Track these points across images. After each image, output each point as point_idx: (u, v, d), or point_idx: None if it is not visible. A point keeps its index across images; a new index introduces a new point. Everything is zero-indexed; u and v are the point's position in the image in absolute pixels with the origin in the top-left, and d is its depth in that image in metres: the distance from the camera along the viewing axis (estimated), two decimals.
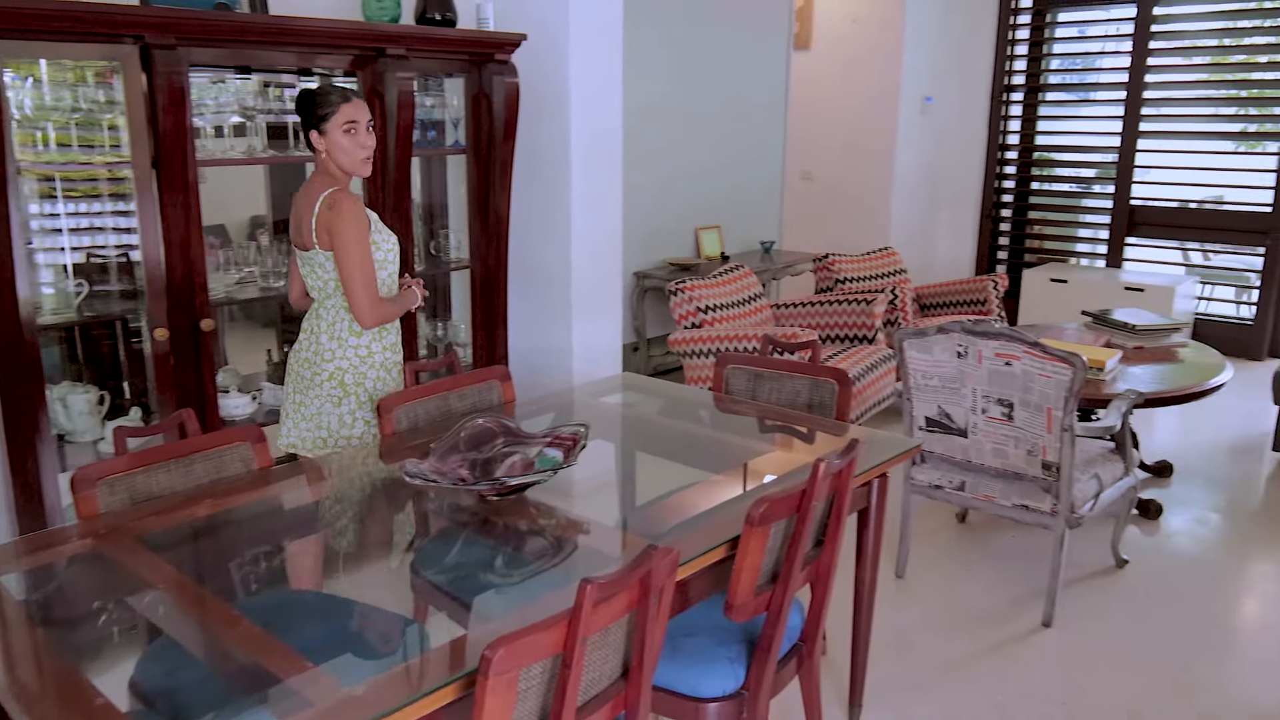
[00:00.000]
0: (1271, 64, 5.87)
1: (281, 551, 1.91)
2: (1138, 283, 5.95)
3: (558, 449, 2.01)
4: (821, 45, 6.67)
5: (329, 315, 2.53)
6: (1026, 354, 2.79)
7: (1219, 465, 4.34)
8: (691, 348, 4.27)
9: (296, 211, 2.53)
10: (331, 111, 2.40)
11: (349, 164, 2.45)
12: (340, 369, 2.52)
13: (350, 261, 2.39)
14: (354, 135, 2.42)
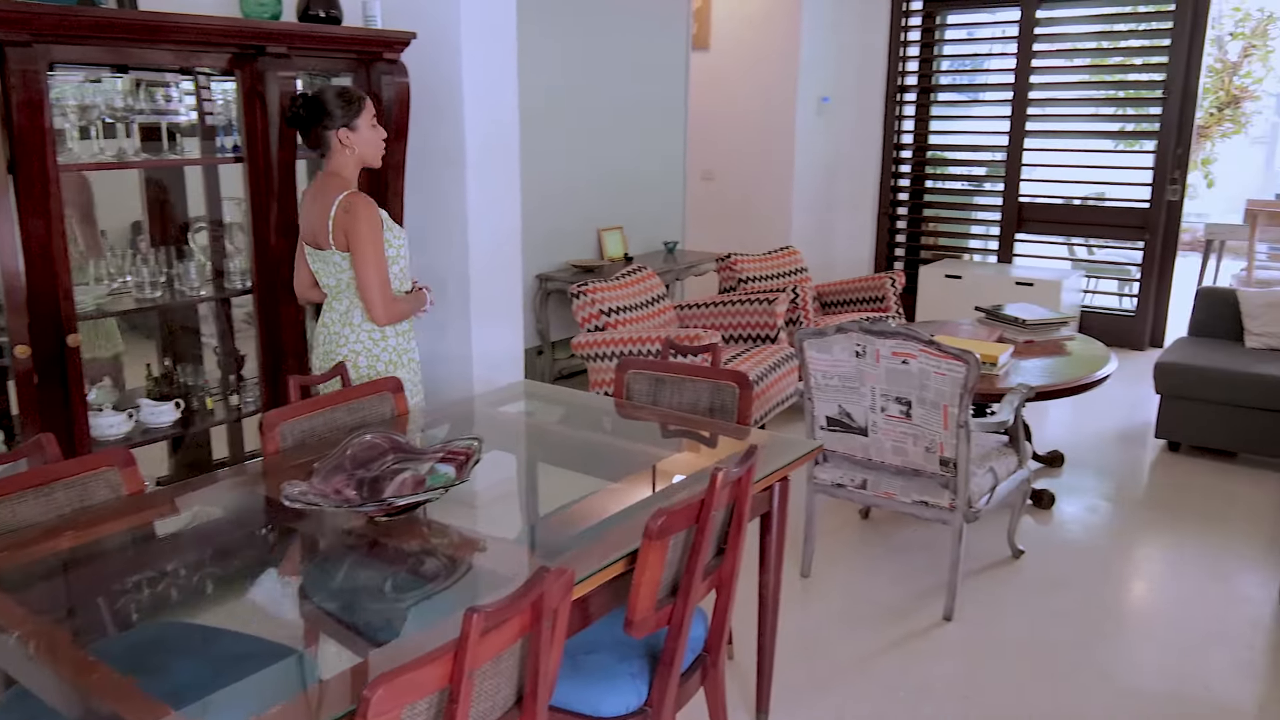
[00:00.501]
0: (1146, 66, 6.12)
1: (150, 585, 1.78)
2: (1027, 277, 6.14)
3: (450, 464, 1.93)
4: (720, 45, 6.70)
5: (341, 307, 2.67)
6: (922, 352, 2.82)
7: (1107, 453, 4.50)
8: (595, 351, 4.21)
9: (308, 211, 2.65)
10: (361, 107, 2.57)
11: (376, 156, 2.65)
12: (354, 352, 2.65)
13: (366, 263, 2.52)
14: (376, 129, 2.63)
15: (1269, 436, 4.14)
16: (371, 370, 2.67)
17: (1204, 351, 4.46)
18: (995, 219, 6.82)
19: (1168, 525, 3.72)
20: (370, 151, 2.64)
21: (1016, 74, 6.44)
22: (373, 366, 2.67)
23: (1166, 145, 6.03)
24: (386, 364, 2.69)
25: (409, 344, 2.78)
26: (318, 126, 2.58)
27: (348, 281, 2.62)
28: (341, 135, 2.57)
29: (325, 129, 2.57)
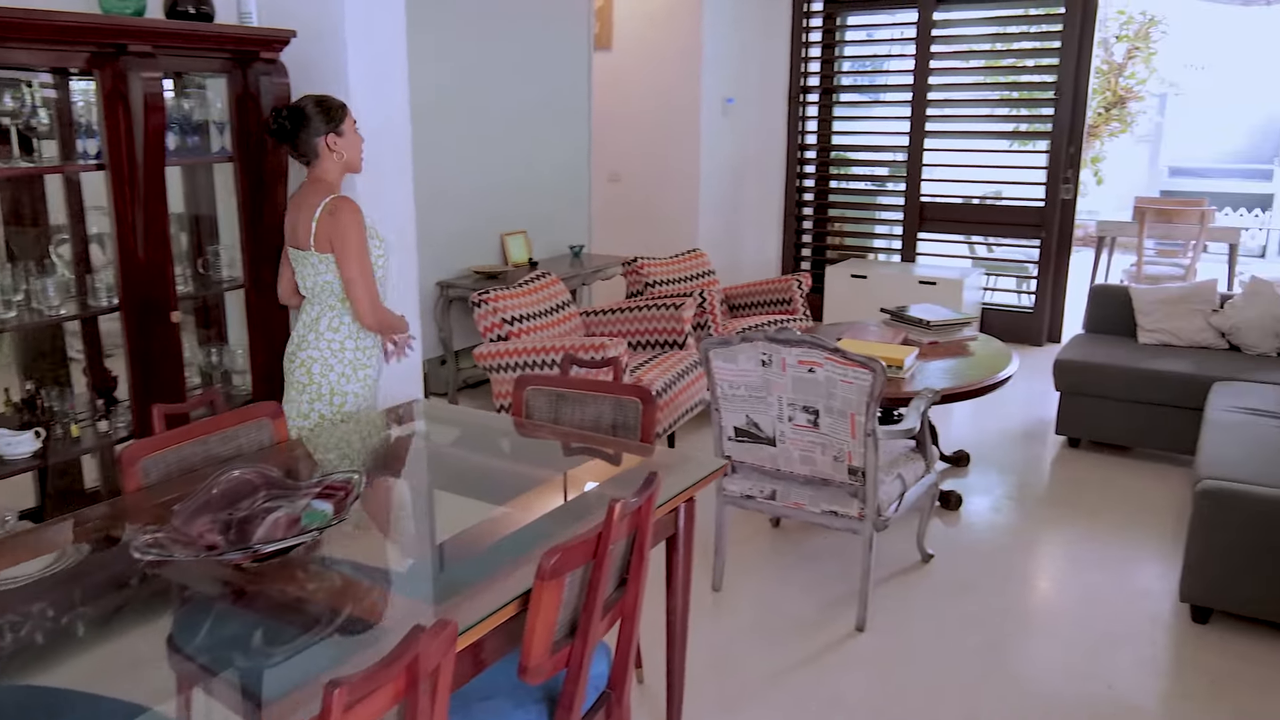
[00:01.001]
0: (1038, 68, 6.26)
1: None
2: (930, 276, 6.22)
3: (328, 500, 1.78)
4: (623, 45, 6.60)
5: (313, 312, 2.74)
6: (828, 360, 2.77)
7: (1010, 451, 4.56)
8: (497, 362, 4.07)
9: (293, 214, 2.72)
10: (345, 112, 2.67)
11: (356, 159, 2.74)
12: (310, 359, 2.72)
13: (351, 265, 2.61)
14: (359, 133, 2.74)
15: (1162, 430, 4.25)
16: (325, 379, 2.73)
17: (1100, 348, 4.55)
18: (898, 218, 6.90)
19: (1070, 522, 3.77)
20: (355, 156, 2.74)
21: (915, 75, 6.52)
22: (325, 376, 2.73)
23: (1059, 145, 6.18)
24: (339, 375, 2.74)
25: (368, 360, 2.82)
26: (302, 134, 2.67)
27: (323, 285, 2.70)
28: (329, 141, 2.66)
29: (312, 136, 2.66)
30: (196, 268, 3.38)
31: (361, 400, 2.81)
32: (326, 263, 2.66)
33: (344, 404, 2.77)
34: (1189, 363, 4.28)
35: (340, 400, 2.77)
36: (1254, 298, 4.48)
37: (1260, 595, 2.86)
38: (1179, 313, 4.63)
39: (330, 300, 2.73)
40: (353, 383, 2.77)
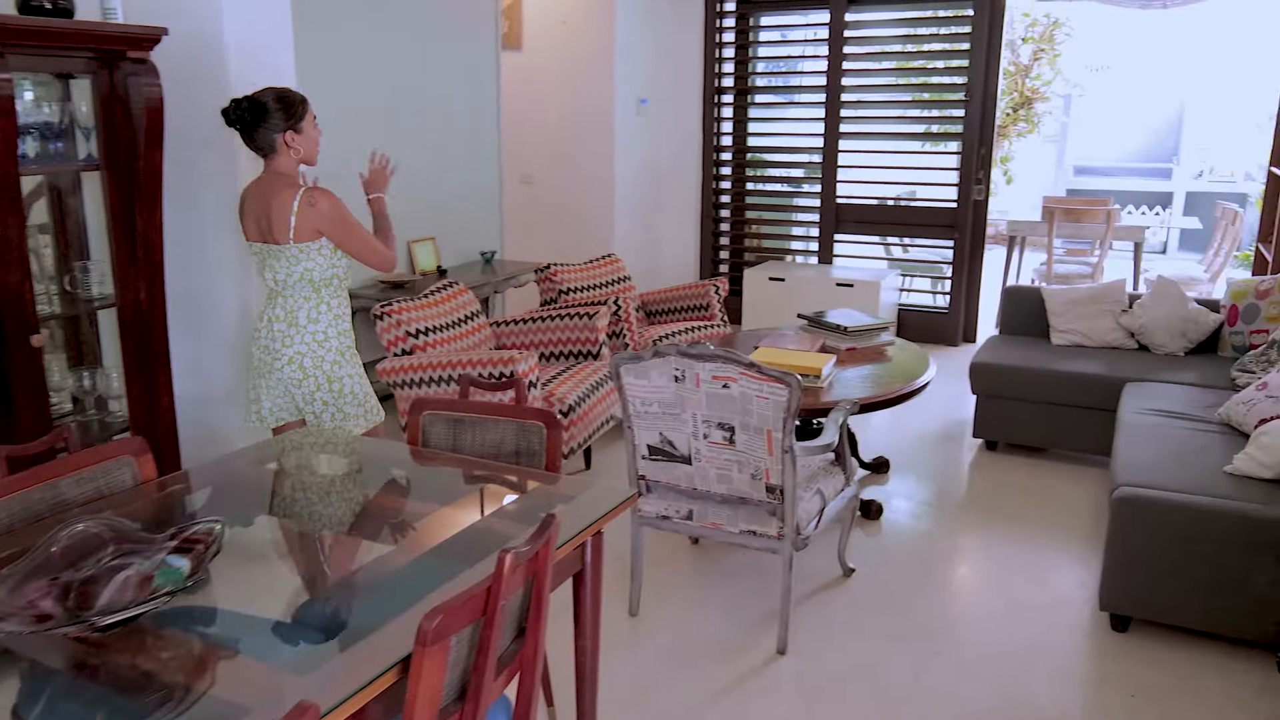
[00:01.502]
0: (948, 69, 6.29)
1: None
2: (848, 278, 6.20)
3: (185, 555, 1.59)
4: (533, 45, 6.43)
5: (287, 304, 2.79)
6: (743, 375, 2.66)
7: (929, 455, 4.53)
8: (401, 378, 3.87)
9: (257, 210, 2.74)
10: (305, 110, 2.71)
11: (315, 155, 2.80)
12: (299, 354, 2.79)
13: (349, 240, 2.77)
14: (317, 129, 2.79)
15: (1077, 431, 4.26)
16: (319, 370, 2.80)
17: (1014, 350, 4.56)
18: (814, 220, 6.87)
19: (990, 527, 3.74)
20: (312, 151, 2.79)
21: (829, 75, 6.49)
22: (319, 366, 2.80)
23: (971, 146, 6.22)
24: (332, 362, 2.83)
25: (350, 339, 2.91)
26: (261, 129, 2.70)
27: (300, 274, 2.74)
28: (288, 138, 2.70)
29: (270, 131, 2.69)
30: (63, 285, 3.11)
31: (358, 381, 2.90)
32: (308, 251, 2.73)
33: (343, 388, 2.87)
34: (1101, 364, 4.31)
35: (339, 385, 2.86)
36: (1161, 298, 4.53)
37: (1178, 603, 2.84)
38: (1089, 313, 4.67)
39: (306, 291, 2.79)
40: (345, 366, 2.86)
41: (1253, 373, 3.94)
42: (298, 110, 2.71)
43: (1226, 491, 2.90)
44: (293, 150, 2.73)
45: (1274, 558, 2.69)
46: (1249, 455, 3.03)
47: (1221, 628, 2.81)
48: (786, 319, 6.33)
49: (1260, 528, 2.70)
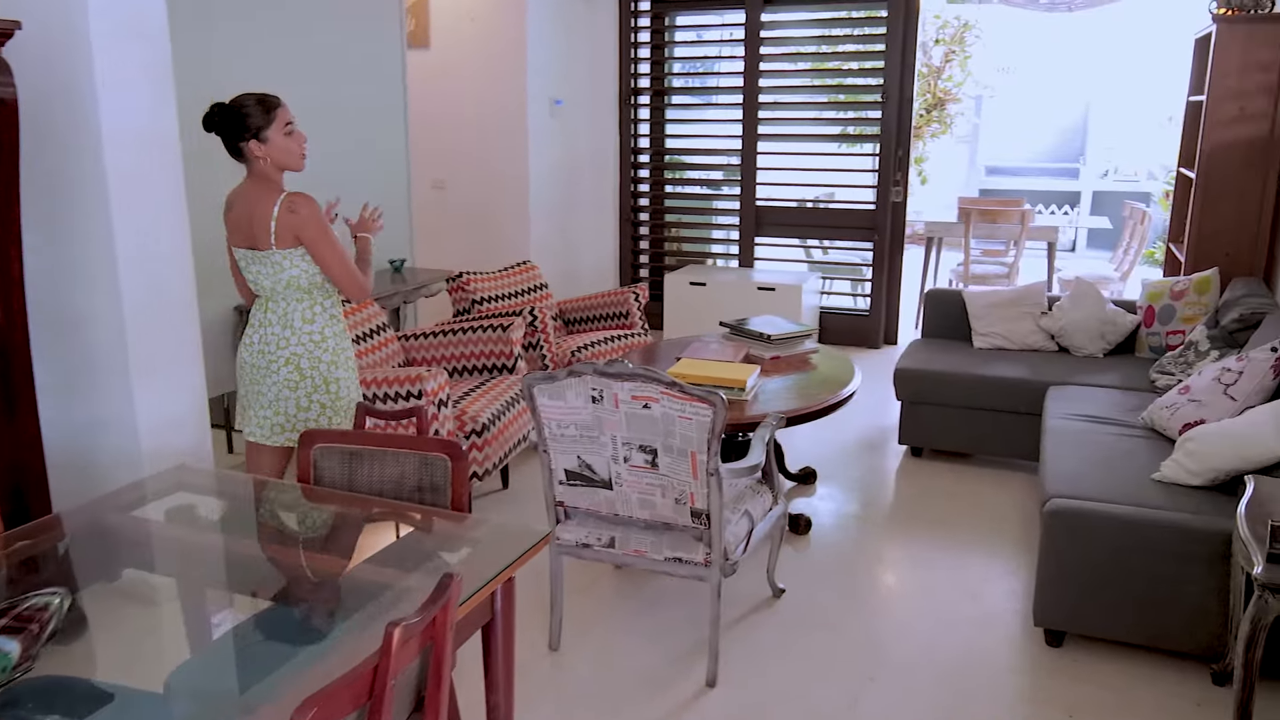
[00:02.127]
0: (864, 70, 6.25)
1: None
2: (769, 283, 6.11)
3: (15, 637, 1.35)
4: (441, 43, 6.18)
5: (280, 308, 2.73)
6: (665, 395, 2.50)
7: (855, 464, 4.45)
8: None
9: (238, 216, 2.71)
10: (272, 119, 2.65)
11: (293, 163, 2.70)
12: (296, 354, 2.71)
13: (325, 254, 2.65)
14: (293, 136, 2.69)
15: (1001, 436, 4.22)
16: (316, 371, 2.73)
17: (937, 355, 4.50)
18: (734, 223, 6.77)
19: (920, 539, 3.66)
20: (288, 159, 2.70)
21: (746, 76, 6.39)
22: (316, 368, 2.73)
23: (888, 147, 6.19)
24: (328, 364, 2.75)
25: (346, 342, 2.86)
26: (229, 137, 2.66)
27: (288, 281, 2.69)
28: (251, 146, 2.64)
29: (235, 140, 2.65)
30: None
31: (350, 386, 2.82)
32: (291, 258, 2.66)
33: (338, 391, 2.78)
34: (1023, 367, 4.28)
35: (335, 387, 2.77)
36: (1079, 299, 4.53)
37: (1112, 617, 2.78)
38: (1010, 316, 4.65)
39: (297, 294, 2.73)
40: (340, 369, 2.79)
41: (1171, 374, 3.95)
42: (256, 121, 2.64)
43: (1157, 500, 2.85)
44: (260, 159, 2.66)
45: (1206, 568, 2.64)
46: (1176, 462, 2.99)
47: (1157, 640, 2.76)
48: (708, 324, 6.21)
49: (1192, 538, 2.65)
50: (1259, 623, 2.02)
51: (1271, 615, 2.01)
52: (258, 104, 2.67)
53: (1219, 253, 4.56)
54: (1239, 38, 4.36)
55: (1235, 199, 4.49)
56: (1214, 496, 2.87)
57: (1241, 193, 4.48)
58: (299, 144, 2.72)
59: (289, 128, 2.68)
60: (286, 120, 2.68)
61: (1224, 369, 3.29)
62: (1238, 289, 4.20)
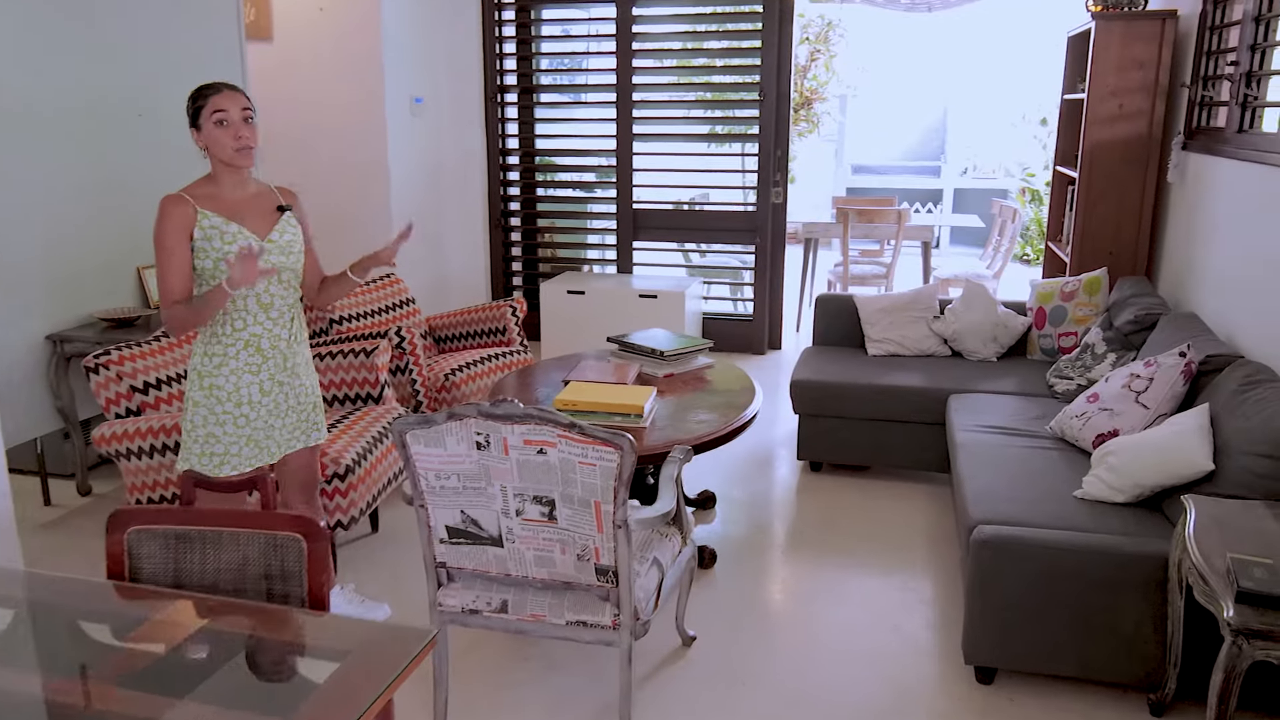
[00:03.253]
0: (741, 67, 6.05)
1: None
2: (651, 289, 5.83)
3: None
4: (286, 35, 5.62)
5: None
6: (562, 438, 2.15)
7: (753, 482, 4.20)
8: (125, 446, 3.09)
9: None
10: (202, 105, 2.46)
11: (223, 155, 2.48)
12: (194, 368, 2.55)
13: (156, 261, 2.46)
14: (225, 127, 2.46)
15: (900, 448, 4.06)
16: (200, 390, 2.53)
17: (831, 364, 4.31)
18: (611, 227, 6.46)
19: (830, 562, 3.44)
20: (216, 150, 2.49)
21: (618, 74, 6.09)
22: (198, 385, 2.54)
23: (767, 148, 6.00)
24: (230, 389, 2.53)
25: (269, 362, 2.57)
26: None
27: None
28: (194, 135, 2.52)
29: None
30: None
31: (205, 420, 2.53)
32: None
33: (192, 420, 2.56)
34: (920, 375, 4.13)
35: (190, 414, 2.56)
36: (971, 302, 4.43)
37: (1045, 649, 2.60)
38: (903, 321, 4.50)
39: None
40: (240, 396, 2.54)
41: (1069, 378, 3.86)
42: (194, 107, 2.48)
43: (1084, 521, 2.69)
44: (203, 150, 2.53)
45: (1141, 595, 2.49)
46: (1098, 478, 2.85)
47: (1092, 672, 2.60)
48: (589, 335, 5.88)
49: (1125, 563, 2.49)
50: (1233, 671, 1.85)
51: (1246, 663, 1.84)
52: (196, 91, 2.50)
53: (1103, 251, 4.54)
54: (1116, 35, 4.34)
55: (1117, 198, 4.48)
56: (1140, 514, 2.74)
57: (1123, 191, 4.47)
58: (230, 136, 2.46)
59: (218, 116, 2.45)
60: (216, 109, 2.45)
61: (1133, 375, 3.19)
62: (1125, 289, 4.17)
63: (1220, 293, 3.64)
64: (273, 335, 2.59)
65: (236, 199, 2.54)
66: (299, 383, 2.67)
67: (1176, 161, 4.27)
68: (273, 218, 2.61)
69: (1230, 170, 3.67)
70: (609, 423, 3.12)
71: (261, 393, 2.57)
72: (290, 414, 2.65)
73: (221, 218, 2.48)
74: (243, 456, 2.56)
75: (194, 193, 2.50)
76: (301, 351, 2.69)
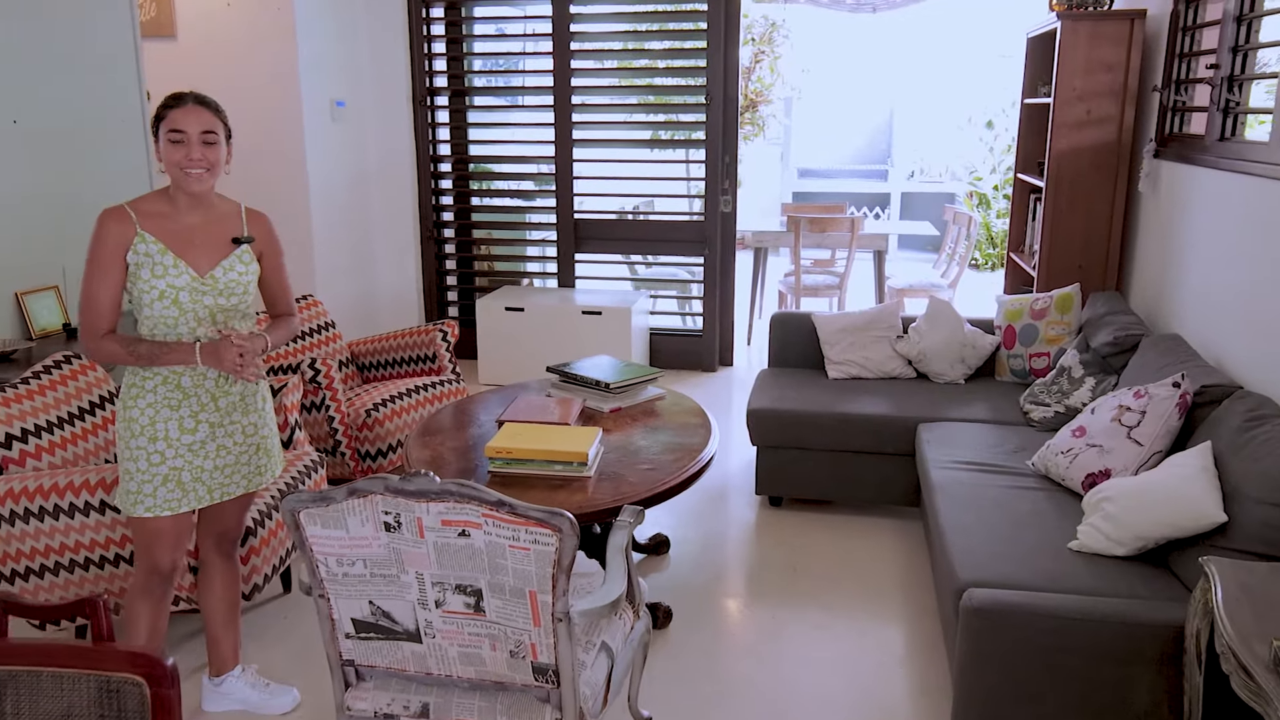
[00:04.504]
0: (686, 69, 5.72)
1: None
2: (595, 305, 5.47)
3: None
4: (191, 32, 5.15)
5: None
6: (489, 518, 1.79)
7: (709, 521, 3.87)
8: None
9: None
10: (162, 117, 2.25)
11: (174, 175, 2.26)
12: (120, 395, 2.34)
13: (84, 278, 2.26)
14: (179, 145, 2.23)
15: (866, 481, 3.76)
16: (121, 423, 2.32)
17: (790, 390, 3.99)
18: (551, 238, 6.08)
19: (798, 618, 3.11)
20: (169, 171, 2.26)
21: (556, 75, 5.72)
22: (120, 418, 2.33)
23: (715, 154, 5.68)
24: (146, 423, 2.30)
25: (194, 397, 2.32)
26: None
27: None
28: (155, 149, 2.29)
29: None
30: None
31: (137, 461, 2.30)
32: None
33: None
34: (886, 401, 3.83)
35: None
36: (936, 320, 4.15)
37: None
38: (864, 341, 4.21)
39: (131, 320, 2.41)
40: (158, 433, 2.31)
41: (1046, 405, 3.60)
42: (156, 119, 2.27)
43: (1083, 580, 2.40)
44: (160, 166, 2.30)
45: (1155, 670, 2.20)
46: (1094, 528, 2.57)
47: None
48: (529, 355, 5.51)
49: (1136, 634, 2.20)
50: None
51: None
52: (162, 102, 2.27)
53: (1072, 265, 4.30)
54: (1083, 36, 4.09)
55: (1085, 208, 4.24)
56: (1145, 571, 2.46)
57: (1092, 201, 4.22)
58: (182, 155, 2.22)
59: (173, 135, 2.22)
60: (173, 126, 2.23)
61: (1122, 407, 2.91)
62: (1098, 305, 3.92)
63: (1203, 313, 3.40)
64: (196, 373, 2.31)
65: (187, 224, 2.31)
66: (232, 422, 2.39)
67: (1148, 170, 4.04)
68: (223, 250, 2.33)
69: (1210, 180, 3.43)
70: (548, 472, 2.76)
71: (181, 430, 2.31)
72: (223, 455, 2.39)
73: (160, 245, 2.25)
74: (158, 498, 2.31)
75: (142, 208, 2.27)
76: (238, 390, 2.39)
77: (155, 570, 2.39)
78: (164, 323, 2.28)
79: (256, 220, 2.45)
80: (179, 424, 2.31)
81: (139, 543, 2.38)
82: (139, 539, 2.37)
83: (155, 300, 2.25)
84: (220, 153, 2.29)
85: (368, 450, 3.68)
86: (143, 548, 2.38)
